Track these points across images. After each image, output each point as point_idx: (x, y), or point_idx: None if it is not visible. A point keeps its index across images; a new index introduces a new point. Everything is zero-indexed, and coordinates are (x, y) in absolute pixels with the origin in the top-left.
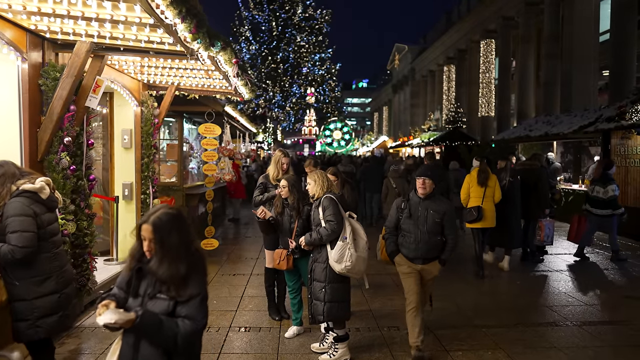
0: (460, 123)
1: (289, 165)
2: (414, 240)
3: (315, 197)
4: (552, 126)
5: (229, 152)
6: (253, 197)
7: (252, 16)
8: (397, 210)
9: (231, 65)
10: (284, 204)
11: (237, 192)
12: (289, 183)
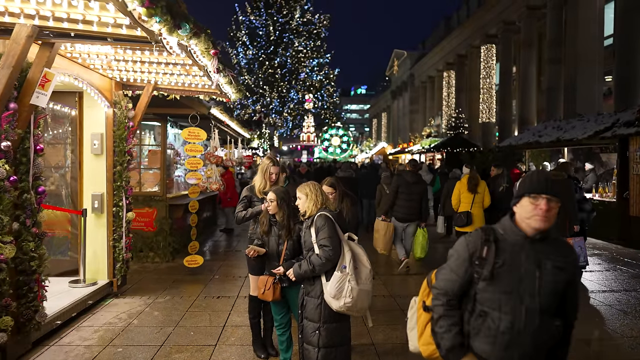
0: (462, 129)
1: (279, 175)
2: (510, 328)
3: (306, 215)
4: (563, 131)
5: (216, 159)
6: (235, 213)
7: (249, 20)
8: (467, 262)
9: (210, 58)
10: (271, 222)
11: (232, 200)
12: (277, 197)
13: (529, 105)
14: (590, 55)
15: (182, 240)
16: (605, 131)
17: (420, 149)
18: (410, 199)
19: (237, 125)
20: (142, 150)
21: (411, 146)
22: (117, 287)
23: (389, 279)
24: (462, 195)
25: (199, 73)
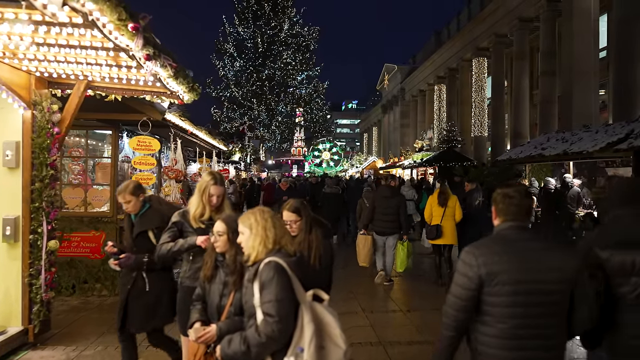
0: (455, 142)
1: (223, 198)
2: None
3: (250, 260)
4: (570, 144)
5: (176, 174)
6: (157, 245)
7: (236, 32)
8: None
9: (130, 36)
10: (216, 263)
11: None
12: (229, 228)
13: (522, 119)
14: (585, 67)
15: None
16: (619, 143)
17: (411, 163)
18: (386, 212)
19: (207, 136)
20: (88, 163)
21: (402, 160)
22: (34, 335)
23: (379, 318)
24: (433, 209)
25: (136, 64)
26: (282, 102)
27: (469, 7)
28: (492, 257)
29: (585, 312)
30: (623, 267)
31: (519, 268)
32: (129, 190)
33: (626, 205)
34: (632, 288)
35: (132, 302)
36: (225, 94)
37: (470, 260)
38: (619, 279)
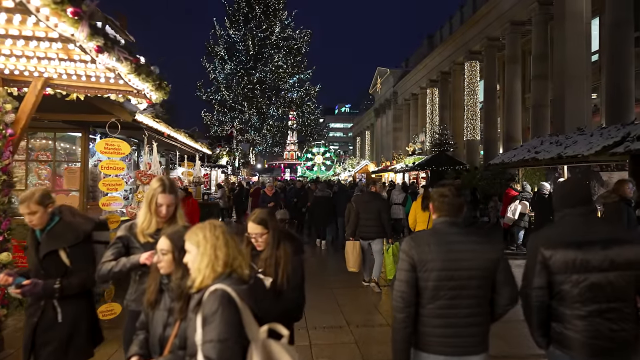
0: (447, 146)
1: (176, 208)
2: None
3: (194, 285)
4: (564, 147)
5: (149, 179)
6: (99, 264)
7: (227, 35)
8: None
9: (72, 23)
10: (161, 286)
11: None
12: (174, 246)
13: (514, 123)
14: (578, 71)
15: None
16: (615, 146)
17: (403, 167)
18: (367, 217)
19: (187, 138)
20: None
21: (394, 164)
22: None
23: (364, 333)
24: (418, 215)
25: (91, 59)
26: (273, 106)
27: (462, 11)
28: (424, 247)
29: (506, 294)
30: (565, 265)
31: (444, 257)
32: (35, 199)
33: (569, 206)
34: (574, 284)
35: (42, 336)
36: (215, 97)
37: (408, 249)
38: (561, 276)
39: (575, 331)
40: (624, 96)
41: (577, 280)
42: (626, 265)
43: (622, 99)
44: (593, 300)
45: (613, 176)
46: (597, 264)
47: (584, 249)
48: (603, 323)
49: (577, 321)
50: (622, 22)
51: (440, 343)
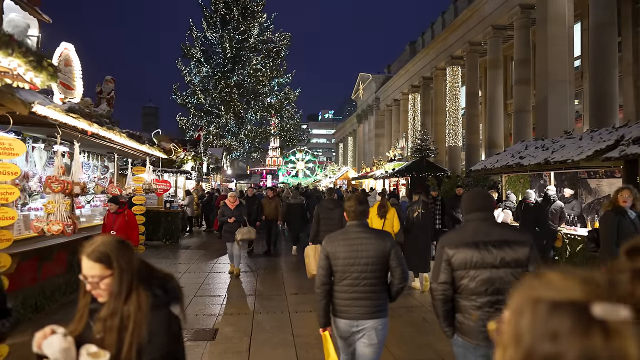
0: (428, 152)
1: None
2: None
3: None
4: (551, 152)
5: (62, 187)
6: None
7: (204, 37)
8: None
9: None
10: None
11: (130, 239)
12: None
13: (496, 128)
14: (561, 74)
15: None
16: (609, 150)
17: (383, 173)
18: (330, 223)
19: (126, 139)
20: None
21: (374, 171)
22: None
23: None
24: (373, 221)
25: None
26: (251, 110)
27: (443, 17)
28: (335, 243)
29: (398, 276)
30: (464, 262)
31: (349, 249)
32: None
33: (472, 212)
34: (471, 279)
35: None
36: (191, 100)
37: (324, 245)
38: (461, 272)
39: (472, 320)
40: (607, 100)
41: (473, 275)
42: (514, 262)
43: (606, 104)
44: (486, 292)
45: (602, 183)
46: (490, 261)
47: (480, 249)
48: (494, 313)
49: (474, 311)
50: (606, 24)
51: (347, 311)
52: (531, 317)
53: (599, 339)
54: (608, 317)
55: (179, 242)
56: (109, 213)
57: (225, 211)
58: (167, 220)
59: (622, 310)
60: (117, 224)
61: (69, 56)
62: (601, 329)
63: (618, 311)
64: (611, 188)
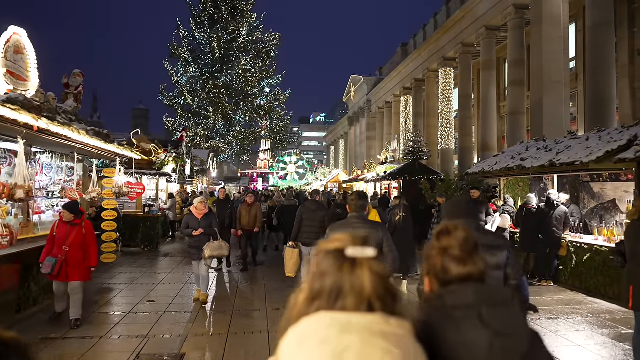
0: (421, 154)
1: None
2: None
3: None
4: (555, 153)
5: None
6: None
7: (192, 36)
8: None
9: None
10: None
11: (88, 257)
12: None
13: (490, 131)
14: (556, 75)
15: None
16: (621, 151)
17: (374, 176)
18: (311, 224)
19: (85, 137)
20: None
21: (365, 174)
22: None
23: None
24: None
25: None
26: (240, 111)
27: (435, 19)
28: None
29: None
30: None
31: None
32: None
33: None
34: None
35: None
36: (178, 101)
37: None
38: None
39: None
40: (605, 102)
41: None
42: (495, 266)
43: (603, 105)
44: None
45: (606, 187)
46: None
47: None
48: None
49: None
50: (603, 24)
51: None
52: (314, 262)
53: (347, 271)
54: (355, 255)
55: (158, 249)
56: (60, 222)
57: (190, 221)
58: (146, 226)
59: (367, 250)
60: (72, 238)
61: (19, 42)
62: (350, 264)
63: (364, 251)
64: (616, 192)
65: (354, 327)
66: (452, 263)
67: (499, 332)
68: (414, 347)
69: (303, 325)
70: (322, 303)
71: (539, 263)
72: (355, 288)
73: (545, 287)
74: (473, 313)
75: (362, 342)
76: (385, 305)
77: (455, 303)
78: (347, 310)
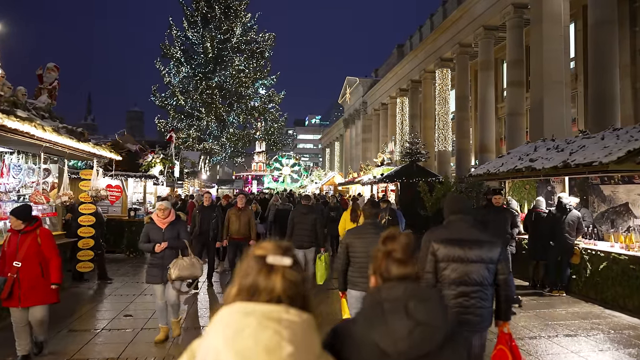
0: (419, 156)
1: None
2: None
3: None
4: (569, 153)
5: None
6: None
7: (185, 36)
8: None
9: None
10: None
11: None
12: None
13: (488, 132)
14: (557, 75)
15: None
16: None
17: (371, 179)
18: (302, 227)
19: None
20: None
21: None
22: None
23: None
24: (347, 225)
25: None
26: (234, 112)
27: (432, 20)
28: (352, 237)
29: None
30: (447, 256)
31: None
32: None
33: (455, 213)
34: (452, 271)
35: None
36: (170, 102)
37: (344, 238)
38: (443, 264)
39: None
40: (607, 102)
41: (455, 268)
42: (489, 260)
43: (606, 105)
44: (464, 283)
45: (618, 190)
46: (470, 257)
47: (462, 245)
48: (469, 301)
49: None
50: (605, 22)
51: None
52: (244, 262)
53: (264, 274)
54: (274, 262)
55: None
56: (12, 231)
57: (150, 232)
58: (132, 231)
59: (285, 259)
60: (23, 251)
61: None
62: (267, 269)
63: (282, 260)
64: (629, 195)
65: (255, 313)
66: (394, 265)
67: (420, 322)
68: (306, 333)
69: (220, 312)
70: (242, 297)
71: (549, 271)
72: (267, 288)
73: (558, 297)
74: (400, 305)
75: (258, 323)
76: (293, 302)
77: (388, 296)
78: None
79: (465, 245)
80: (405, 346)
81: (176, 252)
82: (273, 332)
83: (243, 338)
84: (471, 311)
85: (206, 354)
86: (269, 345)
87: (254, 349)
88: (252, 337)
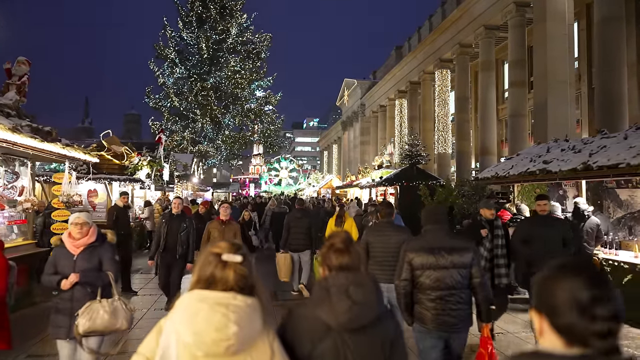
0: (419, 158)
1: None
2: None
3: None
4: (588, 154)
5: None
6: None
7: (179, 36)
8: None
9: None
10: None
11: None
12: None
13: (489, 134)
14: (561, 74)
15: None
16: None
17: (369, 182)
18: (297, 231)
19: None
20: None
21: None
22: None
23: None
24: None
25: None
26: (229, 114)
27: (430, 21)
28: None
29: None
30: (421, 264)
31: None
32: None
33: (429, 223)
34: (427, 277)
35: None
36: (164, 103)
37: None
38: (419, 272)
39: (427, 310)
40: (615, 101)
41: (429, 274)
42: (461, 265)
43: (614, 105)
44: (438, 288)
45: (636, 194)
46: (443, 263)
47: (434, 253)
48: (445, 304)
49: (428, 303)
50: (613, 19)
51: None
52: (202, 256)
53: (219, 269)
54: (227, 259)
55: None
56: None
57: (59, 260)
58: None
59: (236, 257)
60: None
61: None
62: (222, 264)
63: (234, 257)
64: None
65: (208, 299)
66: (334, 255)
67: (357, 302)
68: (250, 315)
69: (180, 299)
70: (201, 285)
71: None
72: (222, 280)
73: None
74: (343, 289)
75: (209, 308)
76: (242, 290)
77: (333, 283)
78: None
79: (438, 253)
80: (345, 319)
81: (93, 291)
82: (221, 315)
83: (197, 320)
84: (447, 313)
85: (170, 331)
86: (218, 325)
87: (206, 328)
88: (205, 319)
